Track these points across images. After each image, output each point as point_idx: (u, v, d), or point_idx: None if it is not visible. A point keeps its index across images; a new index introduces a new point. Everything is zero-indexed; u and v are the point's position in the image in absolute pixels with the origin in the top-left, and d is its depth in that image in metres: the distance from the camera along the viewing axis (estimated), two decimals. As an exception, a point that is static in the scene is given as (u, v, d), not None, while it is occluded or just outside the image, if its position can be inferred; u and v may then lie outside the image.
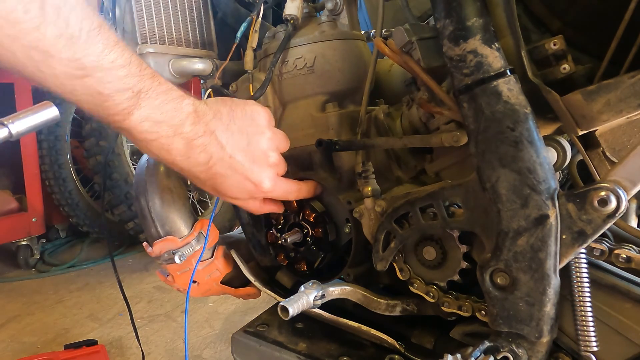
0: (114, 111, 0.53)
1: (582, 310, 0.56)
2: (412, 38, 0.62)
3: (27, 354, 1.82)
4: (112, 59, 0.51)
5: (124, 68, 0.52)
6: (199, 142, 0.61)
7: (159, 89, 0.56)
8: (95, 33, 0.50)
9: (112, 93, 0.52)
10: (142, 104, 0.54)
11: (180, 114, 0.58)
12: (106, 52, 0.51)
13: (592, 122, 0.55)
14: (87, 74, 0.50)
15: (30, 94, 2.75)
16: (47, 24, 0.46)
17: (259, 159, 0.68)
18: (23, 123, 0.57)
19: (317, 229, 0.80)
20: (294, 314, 0.65)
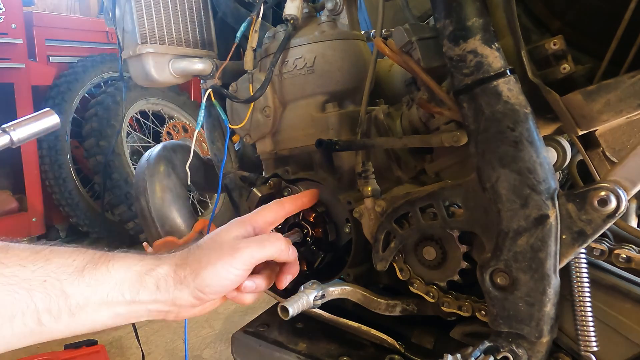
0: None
1: (582, 310, 0.56)
2: (412, 38, 0.62)
3: (27, 354, 1.81)
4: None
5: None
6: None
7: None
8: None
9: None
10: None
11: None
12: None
13: (592, 122, 0.55)
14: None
15: (30, 94, 2.75)
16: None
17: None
18: (24, 130, 0.57)
19: (317, 229, 0.80)
20: (294, 314, 0.65)
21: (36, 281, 0.47)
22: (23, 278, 0.47)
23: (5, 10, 2.61)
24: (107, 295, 0.51)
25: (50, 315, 0.48)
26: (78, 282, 0.49)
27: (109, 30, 3.15)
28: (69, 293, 0.49)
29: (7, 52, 2.64)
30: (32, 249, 0.50)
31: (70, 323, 0.49)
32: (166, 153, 1.03)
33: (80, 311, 0.50)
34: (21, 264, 0.47)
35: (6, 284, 0.45)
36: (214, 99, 0.96)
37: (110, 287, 0.51)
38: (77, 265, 0.50)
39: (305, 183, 0.84)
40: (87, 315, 0.50)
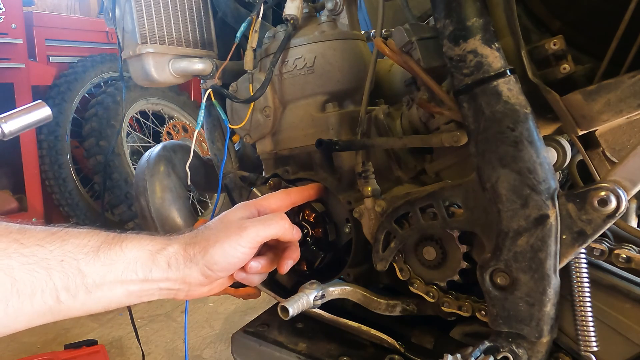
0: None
1: (582, 310, 0.56)
2: (412, 38, 0.62)
3: (27, 354, 1.82)
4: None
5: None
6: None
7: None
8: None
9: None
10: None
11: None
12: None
13: (592, 122, 0.55)
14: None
15: (30, 94, 2.75)
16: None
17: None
18: (16, 122, 0.56)
19: (317, 229, 0.80)
20: (294, 314, 0.65)
21: (54, 260, 0.49)
22: (42, 257, 0.48)
23: (5, 10, 2.61)
24: (122, 273, 0.53)
25: (68, 293, 0.50)
26: (94, 261, 0.51)
27: (109, 30, 3.15)
28: (85, 272, 0.51)
29: (7, 52, 2.64)
30: (48, 230, 0.52)
31: (86, 301, 0.51)
32: (166, 153, 1.03)
33: (97, 289, 0.52)
34: (39, 244, 0.49)
35: (26, 263, 0.47)
36: (214, 99, 0.96)
37: (124, 265, 0.53)
38: (92, 245, 0.52)
39: (305, 183, 0.84)
40: (103, 293, 0.52)
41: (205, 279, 0.58)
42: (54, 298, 0.49)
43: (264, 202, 0.68)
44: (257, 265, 0.63)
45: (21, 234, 0.49)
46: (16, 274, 0.46)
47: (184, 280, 0.57)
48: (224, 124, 0.95)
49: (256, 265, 0.63)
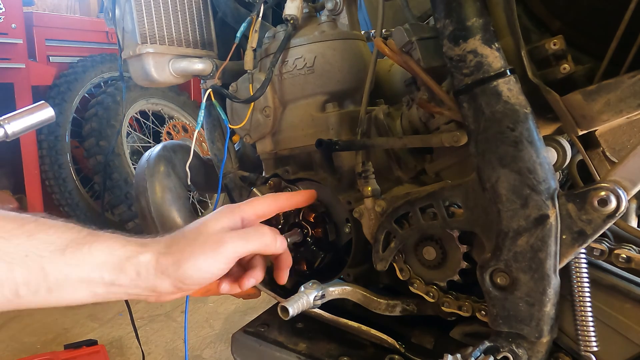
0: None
1: (582, 310, 0.56)
2: (412, 38, 0.62)
3: (27, 354, 1.82)
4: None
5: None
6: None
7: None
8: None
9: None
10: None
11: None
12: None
13: (592, 122, 0.55)
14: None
15: (30, 94, 2.75)
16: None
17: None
18: (19, 123, 0.56)
19: (317, 229, 0.80)
20: (294, 314, 0.65)
21: (18, 255, 0.48)
22: (5, 251, 0.48)
23: (5, 10, 2.61)
24: (87, 275, 0.51)
25: (28, 289, 0.49)
26: (58, 260, 0.50)
27: (109, 30, 3.15)
28: (48, 271, 0.49)
29: (7, 52, 2.64)
30: (18, 221, 0.50)
31: (48, 298, 0.50)
32: (166, 153, 1.03)
33: (59, 288, 0.50)
34: (5, 237, 0.48)
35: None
36: (214, 99, 0.96)
37: (90, 268, 0.52)
38: (60, 244, 0.51)
39: (305, 183, 0.84)
40: (65, 292, 0.51)
41: (177, 290, 0.57)
42: (12, 292, 0.48)
43: (249, 208, 0.64)
44: (226, 287, 0.62)
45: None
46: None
47: (154, 290, 0.56)
48: (224, 124, 0.95)
49: (225, 287, 0.62)
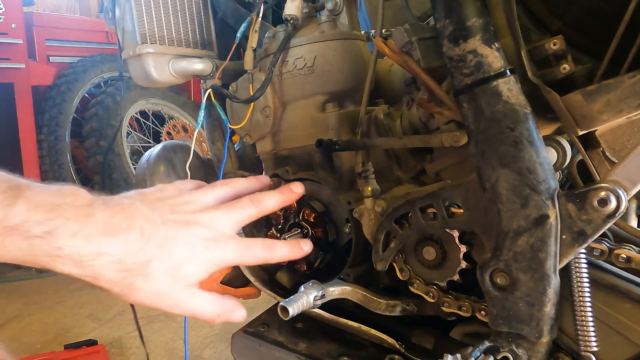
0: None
1: (582, 310, 0.56)
2: (412, 38, 0.62)
3: (27, 354, 1.82)
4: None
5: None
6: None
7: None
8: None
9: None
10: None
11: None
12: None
13: (592, 122, 0.55)
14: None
15: (30, 94, 2.75)
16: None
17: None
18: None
19: (317, 229, 0.80)
20: (294, 314, 0.65)
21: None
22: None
23: (5, 10, 2.61)
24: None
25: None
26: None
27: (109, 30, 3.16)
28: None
29: (7, 52, 2.65)
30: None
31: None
32: (166, 153, 1.03)
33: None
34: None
35: None
36: (214, 99, 0.96)
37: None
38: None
39: (305, 183, 0.84)
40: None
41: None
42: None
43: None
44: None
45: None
46: None
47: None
48: (224, 124, 0.95)
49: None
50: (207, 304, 0.57)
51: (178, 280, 0.53)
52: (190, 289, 0.55)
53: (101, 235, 0.49)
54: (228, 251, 0.57)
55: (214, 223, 0.58)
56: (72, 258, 0.48)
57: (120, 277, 0.50)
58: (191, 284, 0.55)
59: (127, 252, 0.50)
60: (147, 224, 0.53)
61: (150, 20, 0.92)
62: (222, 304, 0.58)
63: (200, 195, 0.61)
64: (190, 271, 0.54)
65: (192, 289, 0.55)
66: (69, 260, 0.48)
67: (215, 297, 0.58)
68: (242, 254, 0.59)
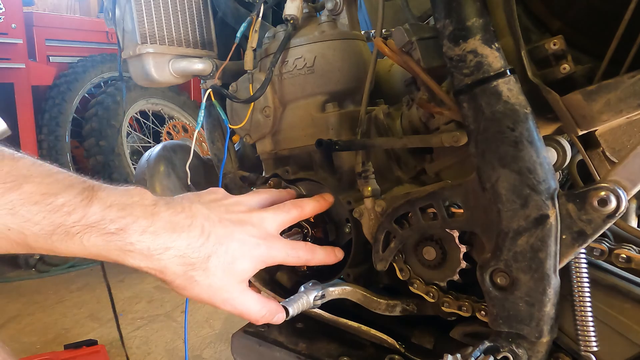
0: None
1: (582, 310, 0.56)
2: (412, 38, 0.62)
3: (27, 354, 1.82)
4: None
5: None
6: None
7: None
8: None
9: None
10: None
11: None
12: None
13: (592, 122, 0.55)
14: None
15: (30, 94, 2.75)
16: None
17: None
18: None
19: (317, 229, 0.80)
20: (294, 314, 0.65)
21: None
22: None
23: (5, 10, 2.61)
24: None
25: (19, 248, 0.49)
26: (44, 242, 0.49)
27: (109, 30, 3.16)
28: (33, 246, 0.49)
29: (7, 52, 2.65)
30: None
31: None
32: (166, 153, 1.03)
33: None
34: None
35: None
36: (214, 99, 0.96)
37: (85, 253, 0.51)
38: (46, 226, 0.49)
39: (305, 183, 0.84)
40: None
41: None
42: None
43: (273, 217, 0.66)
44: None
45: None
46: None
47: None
48: (224, 124, 0.95)
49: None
50: (255, 303, 0.61)
51: (232, 275, 0.58)
52: (241, 285, 0.60)
53: (168, 232, 0.54)
54: (276, 250, 0.63)
55: (263, 223, 0.63)
56: (142, 252, 0.52)
57: (183, 270, 0.55)
58: (242, 280, 0.60)
59: (190, 247, 0.55)
60: (206, 222, 0.58)
61: (150, 20, 0.92)
62: (268, 305, 0.62)
63: (247, 198, 0.68)
64: (242, 267, 0.59)
65: (243, 287, 0.60)
66: (139, 255, 0.52)
67: (262, 298, 0.63)
68: (287, 253, 0.64)
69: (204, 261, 0.56)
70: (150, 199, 0.56)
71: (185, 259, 0.55)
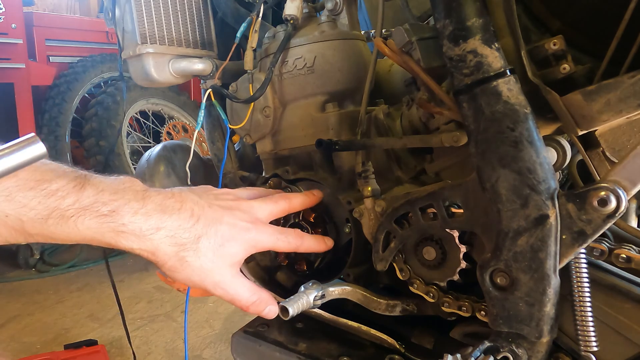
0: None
1: (582, 310, 0.56)
2: (412, 38, 0.62)
3: (27, 354, 1.82)
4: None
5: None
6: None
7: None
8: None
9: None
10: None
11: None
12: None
13: (592, 122, 0.55)
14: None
15: (30, 94, 2.75)
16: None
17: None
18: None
19: (317, 229, 0.80)
20: (294, 314, 0.65)
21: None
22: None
23: (5, 10, 2.61)
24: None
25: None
26: (40, 227, 0.51)
27: (109, 30, 3.16)
28: (30, 232, 0.51)
29: (7, 52, 2.65)
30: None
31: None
32: (166, 153, 1.03)
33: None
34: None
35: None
36: (214, 99, 0.96)
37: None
38: (41, 211, 0.51)
39: (305, 183, 0.84)
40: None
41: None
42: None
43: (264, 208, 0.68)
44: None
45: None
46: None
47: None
48: (224, 124, 0.95)
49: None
50: (246, 289, 0.62)
51: (222, 257, 0.59)
52: (232, 269, 0.61)
53: (159, 213, 0.56)
54: (265, 235, 0.64)
55: (252, 210, 0.65)
56: (134, 233, 0.54)
57: (174, 251, 0.57)
58: (233, 264, 0.61)
59: (181, 227, 0.57)
60: (196, 206, 0.60)
61: (150, 20, 0.92)
62: (259, 293, 0.64)
63: (237, 190, 0.72)
64: (233, 250, 0.61)
65: (234, 271, 0.61)
66: (132, 236, 0.54)
67: (254, 285, 0.64)
68: (277, 238, 0.66)
69: (194, 242, 0.58)
70: (141, 185, 0.58)
71: (176, 239, 0.56)
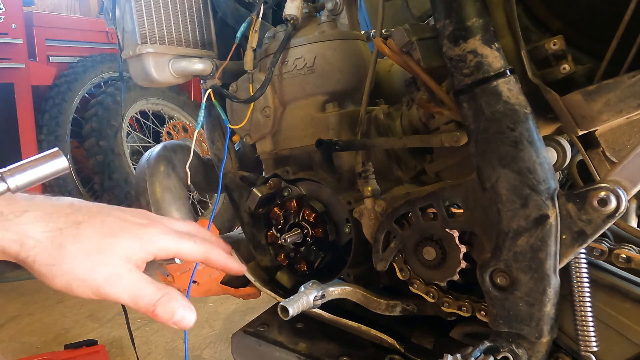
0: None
1: (582, 310, 0.56)
2: (412, 38, 0.62)
3: (27, 354, 1.82)
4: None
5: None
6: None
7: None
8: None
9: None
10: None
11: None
12: None
13: (592, 122, 0.55)
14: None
15: (30, 94, 2.75)
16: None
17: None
18: (25, 176, 0.47)
19: (317, 229, 0.80)
20: (294, 314, 0.65)
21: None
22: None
23: (5, 10, 2.61)
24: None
25: None
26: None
27: (109, 30, 3.15)
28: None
29: (7, 52, 2.64)
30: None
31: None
32: (166, 153, 1.03)
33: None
34: None
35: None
36: (214, 99, 0.96)
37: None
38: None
39: (305, 183, 0.84)
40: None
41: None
42: None
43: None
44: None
45: None
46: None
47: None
48: (224, 124, 0.95)
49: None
50: (148, 284, 0.49)
51: (111, 247, 0.48)
52: (127, 264, 0.48)
53: (26, 199, 0.46)
54: (165, 236, 0.52)
55: (152, 216, 0.55)
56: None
57: (48, 237, 0.45)
58: (127, 257, 0.49)
59: (56, 211, 0.47)
60: (76, 200, 0.50)
61: (150, 20, 0.92)
62: (165, 290, 0.50)
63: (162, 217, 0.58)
64: (124, 242, 0.49)
65: (130, 265, 0.48)
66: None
67: (158, 283, 0.51)
68: (180, 240, 0.53)
69: (73, 226, 0.46)
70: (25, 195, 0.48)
71: (50, 224, 0.46)
